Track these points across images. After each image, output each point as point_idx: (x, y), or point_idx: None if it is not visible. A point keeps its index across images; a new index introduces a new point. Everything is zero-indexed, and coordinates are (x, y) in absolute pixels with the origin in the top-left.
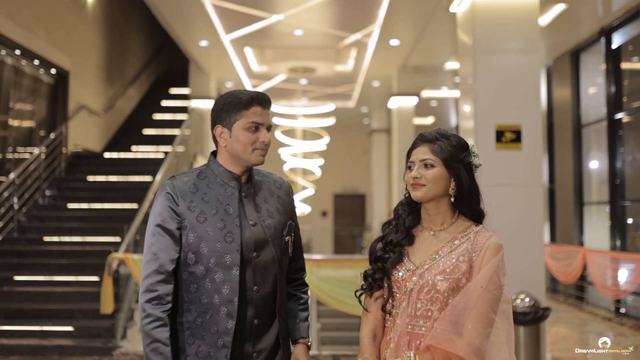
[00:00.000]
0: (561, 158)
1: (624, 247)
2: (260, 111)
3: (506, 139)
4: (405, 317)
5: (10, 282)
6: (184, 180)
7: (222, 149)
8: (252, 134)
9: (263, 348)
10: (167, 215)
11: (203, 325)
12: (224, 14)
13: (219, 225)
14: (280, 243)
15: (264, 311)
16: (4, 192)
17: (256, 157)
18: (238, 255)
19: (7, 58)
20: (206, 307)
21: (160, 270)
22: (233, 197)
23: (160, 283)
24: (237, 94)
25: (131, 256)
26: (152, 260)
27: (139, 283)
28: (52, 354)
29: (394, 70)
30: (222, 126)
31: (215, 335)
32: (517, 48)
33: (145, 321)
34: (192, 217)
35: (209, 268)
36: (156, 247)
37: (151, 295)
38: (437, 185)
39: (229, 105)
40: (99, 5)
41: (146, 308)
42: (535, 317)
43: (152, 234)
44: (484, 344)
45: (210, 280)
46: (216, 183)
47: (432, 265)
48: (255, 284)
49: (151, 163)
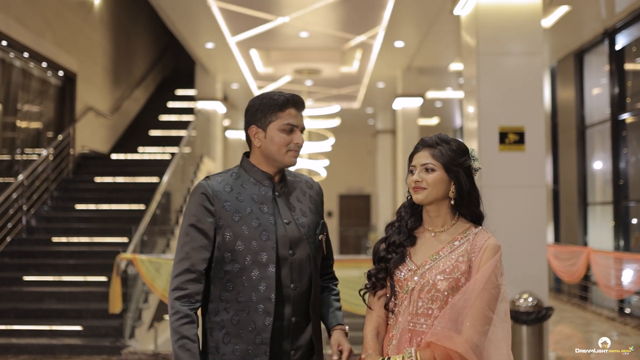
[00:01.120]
0: (565, 158)
1: (627, 247)
2: (295, 113)
3: (509, 141)
4: (407, 315)
5: (19, 282)
6: (218, 180)
7: (256, 149)
8: (287, 135)
9: (300, 346)
10: (201, 215)
11: (240, 324)
12: (230, 17)
13: (254, 224)
14: (314, 241)
15: (300, 309)
16: (13, 194)
17: (289, 158)
18: (274, 252)
19: (15, 60)
20: (243, 305)
21: (191, 269)
22: (267, 196)
23: (190, 282)
24: (273, 95)
25: (139, 256)
26: (184, 259)
27: (147, 283)
28: (61, 353)
29: (398, 72)
30: (257, 127)
31: (252, 332)
32: (521, 50)
33: (174, 318)
34: (228, 216)
35: (245, 266)
36: (189, 247)
37: (181, 293)
38: (437, 188)
39: (264, 107)
40: (105, 7)
41: (175, 305)
42: (538, 316)
43: (185, 234)
44: (482, 341)
45: (247, 278)
46: (250, 183)
47: (432, 266)
48: (292, 281)
49: (158, 164)
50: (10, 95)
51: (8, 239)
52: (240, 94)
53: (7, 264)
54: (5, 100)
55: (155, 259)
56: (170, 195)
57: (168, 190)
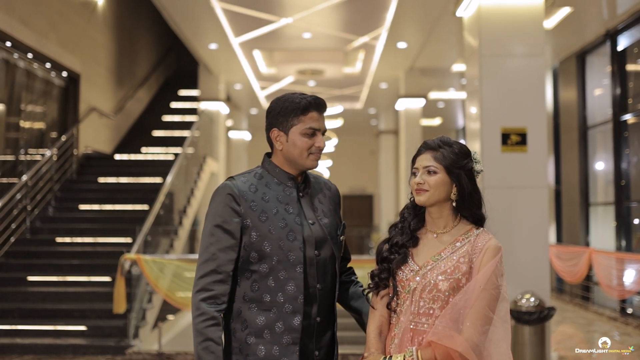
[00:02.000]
0: (567, 159)
1: (629, 247)
2: (317, 116)
3: (512, 142)
4: (409, 315)
5: (23, 282)
6: (242, 181)
7: (278, 152)
8: (309, 139)
9: (323, 345)
10: (227, 216)
11: (266, 324)
12: (233, 18)
13: (280, 224)
14: (337, 242)
15: (324, 308)
16: (17, 194)
17: (311, 161)
18: (301, 253)
19: (19, 61)
20: (269, 306)
21: (218, 270)
22: (292, 196)
23: (217, 283)
24: (295, 98)
25: (143, 257)
26: (210, 260)
27: (151, 283)
28: (65, 353)
29: (401, 72)
30: (278, 130)
31: (280, 333)
32: (523, 51)
33: (198, 319)
34: (254, 216)
35: (273, 266)
36: (215, 247)
37: (207, 294)
38: (439, 190)
39: (286, 110)
40: (109, 8)
41: (201, 306)
42: (540, 316)
43: (210, 234)
44: (481, 340)
45: (274, 279)
46: (274, 183)
47: (434, 266)
48: (317, 281)
49: (161, 165)
50: (14, 95)
51: (12, 240)
52: (243, 94)
53: (11, 265)
54: (9, 100)
55: (159, 259)
56: (174, 196)
57: (171, 190)
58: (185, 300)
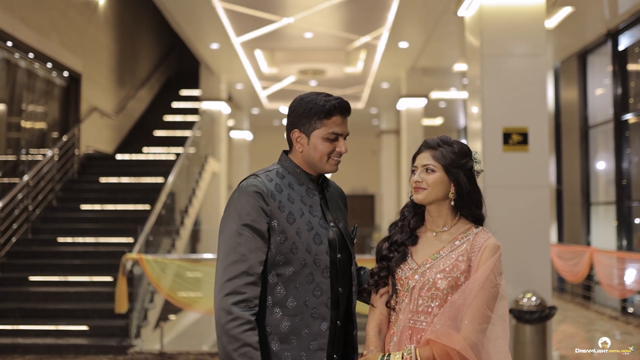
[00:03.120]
0: (568, 159)
1: (630, 247)
2: (340, 121)
3: (513, 141)
4: (408, 313)
5: (25, 282)
6: (268, 179)
7: (297, 153)
8: (330, 143)
9: (340, 348)
10: (256, 215)
11: (291, 329)
12: (235, 17)
13: (306, 227)
14: (352, 244)
15: (343, 312)
16: (18, 194)
17: (331, 166)
18: (327, 256)
19: (20, 61)
20: (295, 310)
21: (249, 272)
22: (315, 198)
23: (249, 285)
24: (319, 100)
25: (145, 256)
26: (240, 262)
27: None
28: (67, 352)
29: (402, 72)
30: (300, 131)
31: (306, 338)
32: (524, 51)
33: (233, 324)
34: (282, 217)
35: (299, 270)
36: (244, 248)
37: (239, 298)
38: (437, 189)
39: (309, 112)
40: (110, 8)
41: (234, 310)
42: (542, 315)
43: (237, 234)
44: (479, 338)
45: (300, 283)
46: (296, 184)
47: (433, 264)
48: (339, 285)
49: (162, 164)
50: (15, 95)
51: (13, 240)
52: (244, 94)
53: (13, 265)
54: (10, 100)
55: (161, 259)
56: (175, 196)
57: (173, 190)
58: (187, 299)
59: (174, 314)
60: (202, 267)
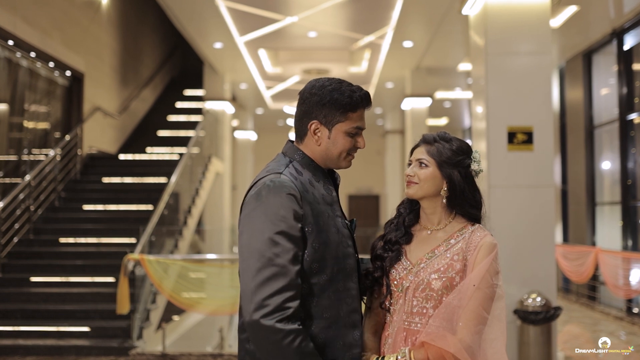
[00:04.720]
0: (573, 159)
1: (635, 247)
2: (363, 114)
3: (518, 141)
4: (402, 314)
5: (26, 283)
6: (294, 177)
7: (312, 145)
8: (352, 138)
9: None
10: (292, 221)
11: (326, 342)
12: (238, 17)
13: (333, 229)
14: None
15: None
16: (20, 194)
17: (347, 162)
18: (354, 260)
19: (22, 60)
20: (329, 322)
21: (291, 285)
22: (333, 196)
23: (291, 300)
24: (344, 90)
25: (147, 257)
26: (280, 275)
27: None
28: (68, 354)
29: (407, 72)
30: (319, 122)
31: (341, 350)
32: (529, 50)
33: (286, 340)
34: (314, 222)
35: (332, 277)
36: (283, 259)
37: (284, 315)
38: (428, 184)
39: (333, 102)
40: (113, 7)
41: (283, 329)
42: (547, 316)
43: (273, 243)
44: (475, 340)
45: (334, 291)
46: (314, 180)
47: (427, 264)
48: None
49: (166, 165)
50: (17, 95)
51: (15, 240)
52: (248, 94)
53: (14, 265)
54: (12, 100)
55: (163, 260)
56: (178, 196)
57: (176, 190)
58: (189, 300)
59: (176, 315)
60: (205, 267)
